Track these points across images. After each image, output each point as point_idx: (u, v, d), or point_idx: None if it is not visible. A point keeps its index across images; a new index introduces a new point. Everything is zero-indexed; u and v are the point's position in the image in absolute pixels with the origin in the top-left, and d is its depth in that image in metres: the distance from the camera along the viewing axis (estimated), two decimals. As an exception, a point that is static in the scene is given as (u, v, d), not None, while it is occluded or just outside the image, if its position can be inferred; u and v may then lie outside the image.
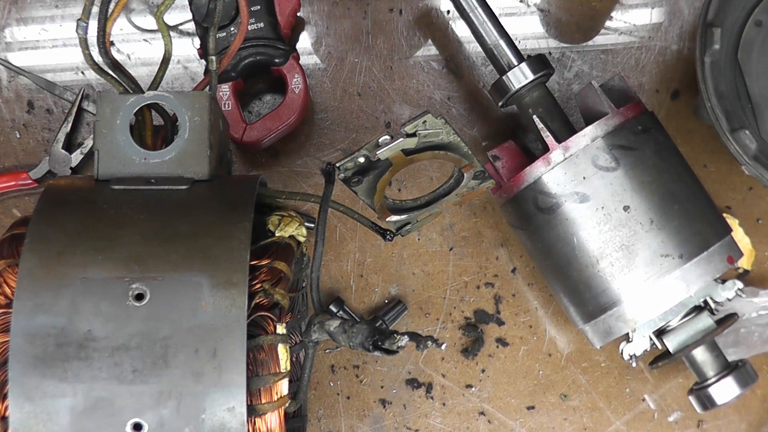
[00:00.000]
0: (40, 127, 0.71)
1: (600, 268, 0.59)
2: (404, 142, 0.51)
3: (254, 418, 0.48)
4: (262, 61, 0.67)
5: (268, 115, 0.68)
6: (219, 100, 0.67)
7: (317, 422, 0.70)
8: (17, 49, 0.72)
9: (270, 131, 0.67)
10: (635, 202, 0.58)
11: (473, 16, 0.64)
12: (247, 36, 0.66)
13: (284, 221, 0.54)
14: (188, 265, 0.47)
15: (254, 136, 0.67)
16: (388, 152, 0.51)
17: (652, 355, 0.64)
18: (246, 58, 0.67)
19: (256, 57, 0.67)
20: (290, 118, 0.67)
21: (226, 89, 0.67)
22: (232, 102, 0.67)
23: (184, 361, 0.46)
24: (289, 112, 0.68)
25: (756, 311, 0.69)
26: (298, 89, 0.68)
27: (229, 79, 0.67)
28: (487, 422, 0.71)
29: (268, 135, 0.67)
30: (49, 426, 0.46)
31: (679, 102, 0.71)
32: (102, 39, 0.55)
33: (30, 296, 0.47)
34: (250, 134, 0.67)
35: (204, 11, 0.65)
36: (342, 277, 0.71)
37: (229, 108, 0.67)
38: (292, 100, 0.68)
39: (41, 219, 0.50)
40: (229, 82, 0.67)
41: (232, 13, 0.66)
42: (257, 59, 0.67)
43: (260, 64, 0.67)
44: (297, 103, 0.68)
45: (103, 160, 0.54)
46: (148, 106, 0.56)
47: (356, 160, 0.51)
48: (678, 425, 0.71)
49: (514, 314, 0.71)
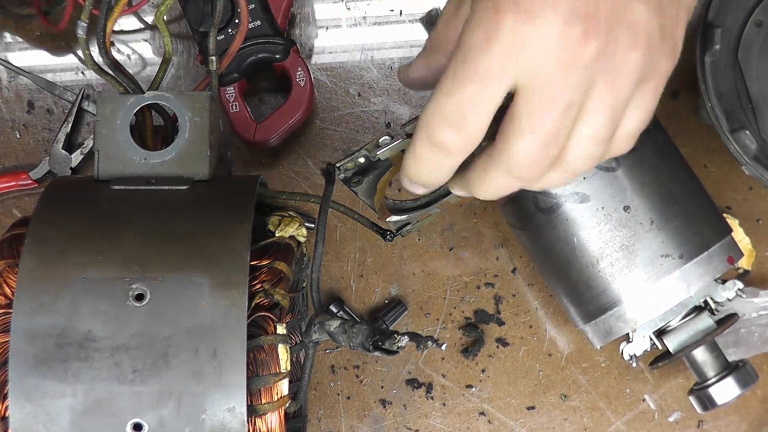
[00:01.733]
0: (40, 127, 0.71)
1: (600, 268, 0.59)
2: (404, 143, 0.51)
3: (254, 418, 0.48)
4: (264, 59, 0.67)
5: (276, 111, 0.68)
6: (225, 102, 0.67)
7: (317, 422, 0.70)
8: (17, 50, 0.72)
9: (281, 127, 0.67)
10: (635, 202, 0.58)
11: (473, 16, 0.64)
12: (246, 35, 0.66)
13: (284, 221, 0.55)
14: (188, 266, 0.47)
15: (266, 134, 0.67)
16: (388, 152, 0.51)
17: (652, 355, 0.64)
18: (248, 57, 0.67)
19: (258, 55, 0.67)
20: (299, 112, 0.68)
21: (231, 91, 0.67)
22: (240, 103, 0.67)
23: (184, 362, 0.46)
24: (297, 106, 0.68)
25: (756, 311, 0.69)
26: (303, 82, 0.68)
27: (233, 81, 0.67)
28: (487, 422, 0.71)
29: (280, 131, 0.67)
30: (49, 426, 0.46)
31: (679, 102, 0.71)
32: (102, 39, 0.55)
33: (30, 296, 0.47)
34: (261, 133, 0.67)
35: (200, 16, 0.65)
36: (342, 277, 0.71)
37: (236, 109, 0.67)
38: (299, 93, 0.68)
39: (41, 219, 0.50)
40: (234, 84, 0.67)
41: (227, 15, 0.66)
42: (259, 57, 0.67)
43: (262, 62, 0.67)
44: (304, 96, 0.68)
45: (103, 161, 0.54)
46: (148, 107, 0.56)
47: (356, 161, 0.51)
48: (678, 425, 0.71)
49: (514, 314, 0.71)
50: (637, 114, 0.41)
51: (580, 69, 0.38)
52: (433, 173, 0.43)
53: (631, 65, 0.39)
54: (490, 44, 0.38)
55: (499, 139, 0.41)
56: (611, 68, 0.38)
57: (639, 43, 0.39)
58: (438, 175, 0.44)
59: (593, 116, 0.39)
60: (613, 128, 0.41)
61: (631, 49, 0.38)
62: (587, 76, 0.38)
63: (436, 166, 0.42)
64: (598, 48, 0.38)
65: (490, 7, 0.38)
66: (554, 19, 0.37)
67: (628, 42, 0.38)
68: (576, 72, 0.38)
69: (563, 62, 0.38)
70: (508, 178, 0.41)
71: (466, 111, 0.39)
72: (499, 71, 0.38)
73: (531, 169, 0.40)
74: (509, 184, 0.43)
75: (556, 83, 0.38)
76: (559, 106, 0.39)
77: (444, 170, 0.43)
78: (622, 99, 0.40)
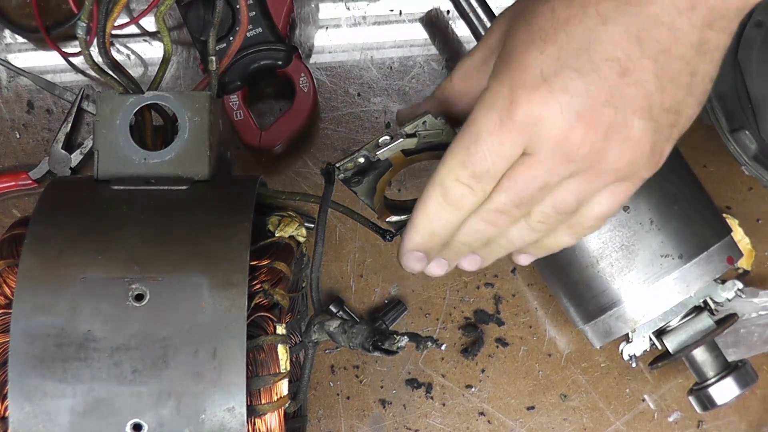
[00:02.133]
0: (40, 127, 0.71)
1: (600, 268, 0.59)
2: (404, 143, 0.51)
3: (254, 418, 0.48)
4: (266, 66, 0.67)
5: (281, 118, 0.68)
6: (229, 110, 0.67)
7: (317, 422, 0.70)
8: (17, 50, 0.72)
9: (285, 133, 0.67)
10: (635, 202, 0.58)
11: (473, 16, 0.64)
12: (248, 42, 0.66)
13: (284, 221, 0.54)
14: (188, 266, 0.47)
15: (271, 141, 0.67)
16: (388, 153, 0.51)
17: (652, 355, 0.64)
18: (250, 64, 0.67)
19: (260, 62, 0.67)
20: (304, 117, 0.67)
21: (235, 99, 0.67)
22: (244, 111, 0.67)
23: (184, 362, 0.46)
24: (301, 112, 0.68)
25: (756, 311, 0.69)
26: (307, 87, 0.68)
27: (236, 89, 0.67)
28: (487, 422, 0.71)
29: (284, 138, 0.67)
30: (48, 426, 0.46)
31: (679, 102, 0.71)
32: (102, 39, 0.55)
33: (30, 296, 0.47)
34: (266, 140, 0.67)
35: (201, 25, 0.65)
36: (342, 277, 0.71)
37: (241, 117, 0.67)
38: (303, 99, 0.68)
39: (41, 219, 0.50)
40: (238, 92, 0.67)
41: (228, 24, 0.66)
42: (261, 64, 0.67)
43: (265, 68, 0.67)
44: (308, 102, 0.68)
45: (102, 161, 0.54)
46: (148, 107, 0.56)
47: (356, 161, 0.51)
48: (678, 425, 0.71)
49: (514, 314, 0.71)
50: (605, 202, 0.46)
51: (570, 162, 0.43)
52: (444, 227, 0.48)
53: (614, 170, 0.43)
54: (502, 130, 0.43)
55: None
56: (596, 167, 0.43)
57: (628, 154, 0.43)
58: (447, 231, 0.48)
59: (562, 194, 0.45)
60: (577, 207, 0.46)
61: (620, 159, 0.43)
62: (572, 169, 0.43)
63: (447, 220, 0.47)
64: (591, 149, 0.42)
65: (506, 91, 0.42)
66: (563, 115, 0.41)
67: (619, 152, 0.42)
68: (566, 164, 0.43)
69: (559, 152, 0.42)
70: (482, 223, 0.47)
71: (481, 176, 0.44)
72: (510, 151, 0.43)
73: (499, 217, 0.46)
74: (485, 230, 0.47)
75: (546, 166, 0.43)
76: (539, 184, 0.44)
77: (453, 225, 0.47)
78: (595, 190, 0.45)
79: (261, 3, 0.67)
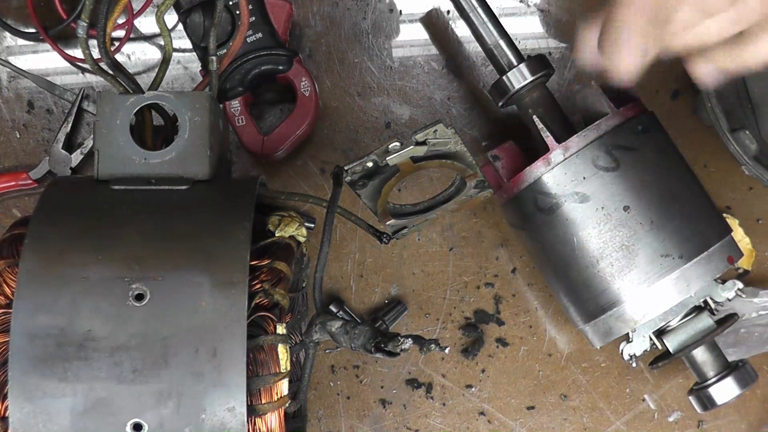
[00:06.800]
0: (40, 127, 0.71)
1: (600, 268, 0.59)
2: (414, 150, 0.51)
3: (254, 418, 0.48)
4: (267, 71, 0.67)
5: (283, 122, 0.68)
6: (231, 116, 0.67)
7: (317, 422, 0.70)
8: (17, 52, 0.72)
9: (288, 138, 0.67)
10: (635, 202, 0.58)
11: (473, 16, 0.64)
12: (249, 48, 0.66)
13: (284, 221, 0.55)
14: (188, 265, 0.47)
15: (273, 146, 0.67)
16: (397, 159, 0.51)
17: (652, 355, 0.64)
18: (251, 70, 0.66)
19: (261, 67, 0.67)
20: (306, 122, 0.67)
21: (237, 105, 0.67)
22: (246, 117, 0.67)
23: (184, 361, 0.46)
24: (303, 117, 0.67)
25: (756, 311, 0.69)
26: (308, 92, 0.67)
27: (238, 95, 0.67)
28: (487, 422, 0.71)
29: (287, 142, 0.67)
30: (49, 426, 0.46)
31: (679, 102, 0.71)
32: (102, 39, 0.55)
33: (30, 296, 0.47)
34: (269, 145, 0.67)
35: (200, 32, 0.65)
36: (342, 277, 0.71)
37: (243, 123, 0.67)
38: (304, 103, 0.68)
39: (41, 219, 0.50)
40: (239, 98, 0.67)
41: (228, 29, 0.66)
42: (262, 69, 0.67)
43: (266, 74, 0.67)
44: (310, 106, 0.67)
45: (103, 161, 0.54)
46: (148, 106, 0.56)
47: (365, 165, 0.52)
48: (678, 425, 0.71)
49: (514, 314, 0.71)
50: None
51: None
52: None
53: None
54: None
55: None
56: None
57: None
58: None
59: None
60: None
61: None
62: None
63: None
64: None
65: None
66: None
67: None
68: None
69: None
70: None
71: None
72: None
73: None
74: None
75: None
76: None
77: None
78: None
79: (261, 8, 0.67)
